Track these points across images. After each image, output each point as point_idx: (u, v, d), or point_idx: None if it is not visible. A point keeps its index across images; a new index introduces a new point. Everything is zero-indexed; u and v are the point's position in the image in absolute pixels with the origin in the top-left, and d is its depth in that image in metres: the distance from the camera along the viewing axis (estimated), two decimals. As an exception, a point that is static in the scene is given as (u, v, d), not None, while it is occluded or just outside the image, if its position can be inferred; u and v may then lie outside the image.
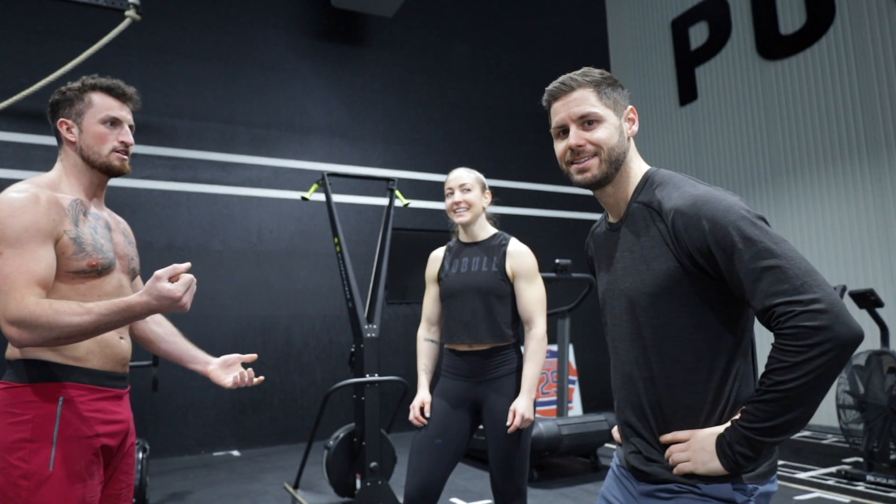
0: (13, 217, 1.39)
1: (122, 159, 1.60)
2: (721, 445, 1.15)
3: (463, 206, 2.42)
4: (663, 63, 8.14)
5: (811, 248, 6.25)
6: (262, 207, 6.66)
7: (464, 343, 2.36)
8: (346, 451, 3.87)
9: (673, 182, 1.25)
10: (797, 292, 1.06)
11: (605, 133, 1.28)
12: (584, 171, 1.30)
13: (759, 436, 1.11)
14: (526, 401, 2.25)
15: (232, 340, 6.30)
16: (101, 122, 1.57)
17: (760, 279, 1.09)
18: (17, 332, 1.33)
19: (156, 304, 1.38)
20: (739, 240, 1.11)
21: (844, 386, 4.09)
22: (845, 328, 1.04)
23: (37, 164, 5.69)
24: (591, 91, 1.29)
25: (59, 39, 5.80)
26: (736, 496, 1.17)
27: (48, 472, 1.38)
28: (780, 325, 1.08)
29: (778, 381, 1.07)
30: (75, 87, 1.59)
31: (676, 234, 1.18)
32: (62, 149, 1.59)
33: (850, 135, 5.95)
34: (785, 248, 1.10)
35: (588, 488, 4.26)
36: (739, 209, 1.15)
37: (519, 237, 2.57)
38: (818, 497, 3.85)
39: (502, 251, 2.40)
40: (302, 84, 7.08)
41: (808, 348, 1.04)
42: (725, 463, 1.15)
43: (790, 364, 1.06)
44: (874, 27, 5.76)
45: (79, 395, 1.46)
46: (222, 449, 6.06)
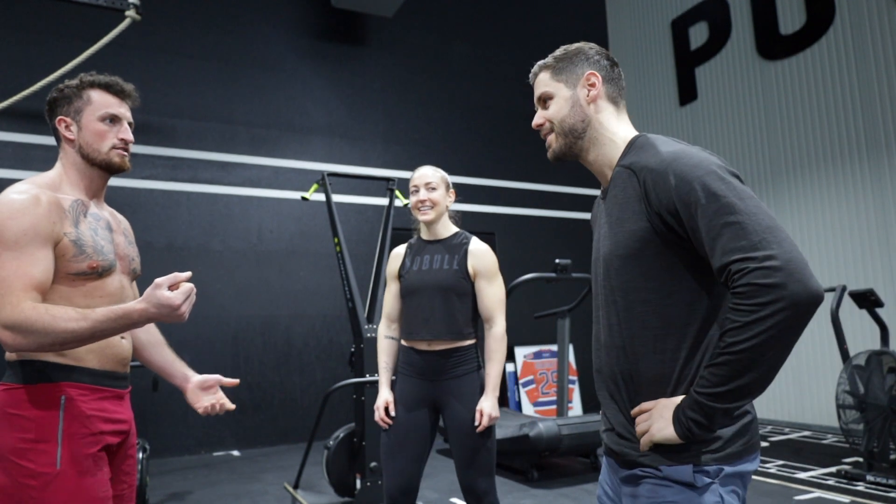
0: (12, 219, 1.37)
1: (123, 156, 1.59)
2: (676, 411, 1.11)
3: (427, 205, 2.43)
4: (663, 63, 8.14)
5: (811, 248, 6.26)
6: (262, 207, 6.66)
7: (423, 340, 2.38)
8: (346, 451, 3.88)
9: (652, 142, 1.22)
10: (753, 248, 1.01)
11: (553, 108, 1.34)
12: (548, 148, 1.37)
13: (711, 401, 1.06)
14: (491, 400, 2.30)
15: (232, 340, 6.30)
16: (99, 119, 1.55)
17: (720, 235, 1.05)
18: (12, 337, 1.32)
19: (154, 312, 1.38)
20: (703, 195, 1.07)
21: (844, 386, 4.09)
22: (800, 286, 0.98)
23: (37, 164, 5.69)
24: (547, 72, 1.36)
25: (59, 39, 5.80)
26: (696, 479, 1.12)
27: (55, 470, 1.38)
28: (734, 283, 1.03)
29: (729, 342, 1.03)
30: (73, 84, 1.57)
31: (647, 193, 1.15)
32: (61, 147, 1.58)
33: (850, 135, 5.95)
34: (750, 203, 1.06)
35: (588, 488, 4.26)
36: (709, 164, 1.11)
37: (519, 237, 2.58)
38: (818, 497, 3.85)
39: (464, 250, 2.42)
40: (302, 84, 7.08)
41: (760, 307, 0.99)
42: (679, 430, 1.10)
43: (741, 324, 1.01)
44: (874, 27, 5.75)
45: (80, 395, 1.45)
46: (222, 449, 6.06)
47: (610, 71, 1.33)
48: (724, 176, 1.09)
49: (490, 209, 7.76)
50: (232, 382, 1.82)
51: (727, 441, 1.13)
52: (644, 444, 1.16)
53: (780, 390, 6.42)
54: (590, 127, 1.30)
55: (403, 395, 2.41)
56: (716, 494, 1.12)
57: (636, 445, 1.19)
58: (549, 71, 1.36)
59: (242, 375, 6.31)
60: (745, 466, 1.15)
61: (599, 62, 1.33)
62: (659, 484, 1.15)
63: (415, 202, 2.45)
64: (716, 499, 1.12)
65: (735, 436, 1.14)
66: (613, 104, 1.33)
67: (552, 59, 1.36)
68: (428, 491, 4.22)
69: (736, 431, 1.14)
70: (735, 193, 1.06)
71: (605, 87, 1.32)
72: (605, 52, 1.36)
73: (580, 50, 1.34)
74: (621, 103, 1.35)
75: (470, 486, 2.33)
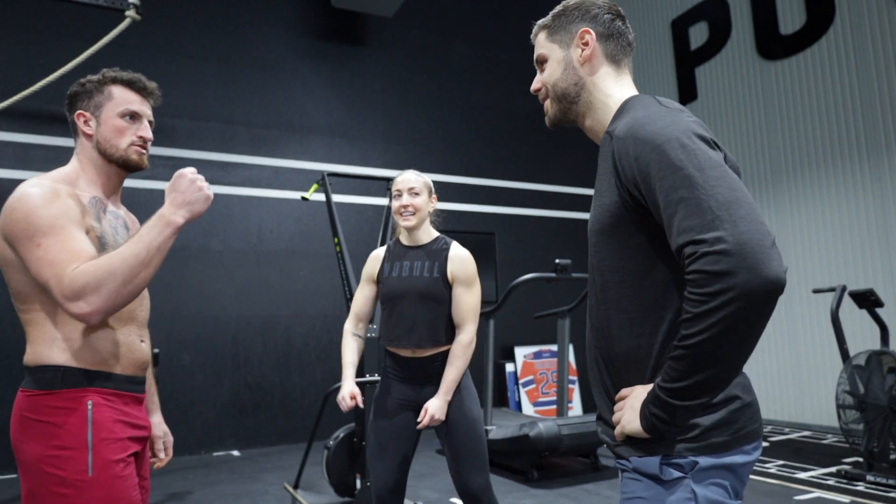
0: (42, 207, 1.33)
1: (141, 153, 1.55)
2: (643, 405, 1.02)
3: (410, 210, 2.40)
4: (663, 63, 8.14)
5: (811, 248, 6.26)
6: (262, 207, 6.66)
7: (406, 349, 2.38)
8: (346, 451, 3.87)
9: (637, 105, 1.11)
10: (704, 229, 0.90)
11: (547, 71, 1.25)
12: (545, 114, 1.28)
13: (671, 398, 0.96)
14: (441, 402, 2.29)
15: (232, 340, 6.30)
16: (120, 115, 1.52)
17: (675, 213, 0.94)
18: (87, 305, 1.27)
19: (180, 198, 1.38)
20: (660, 166, 0.96)
21: (844, 386, 4.09)
22: (751, 274, 0.86)
23: (37, 164, 5.69)
24: (544, 32, 1.27)
25: (59, 39, 5.80)
26: (663, 471, 1.02)
27: (88, 477, 1.34)
28: (686, 269, 0.92)
29: (683, 335, 0.93)
30: (95, 79, 1.54)
31: (615, 164, 1.05)
32: (78, 142, 1.54)
33: (850, 135, 5.95)
34: (709, 175, 0.93)
35: (588, 488, 4.26)
36: (671, 130, 0.99)
37: (519, 237, 2.58)
38: (818, 497, 3.85)
39: (444, 255, 2.40)
40: (302, 84, 7.08)
41: (709, 297, 0.88)
42: (644, 424, 1.01)
43: (692, 315, 0.91)
44: (874, 27, 5.75)
45: (105, 400, 1.41)
46: (222, 449, 6.06)
47: (610, 25, 1.21)
48: (686, 143, 0.97)
49: (490, 209, 7.75)
50: (159, 464, 1.76)
51: (707, 430, 1.02)
52: (617, 435, 1.09)
53: (780, 390, 6.42)
54: (584, 90, 1.20)
55: (388, 398, 2.42)
56: (687, 490, 1.01)
57: (613, 433, 1.11)
58: (545, 31, 1.27)
59: (242, 375, 6.32)
60: (734, 458, 1.03)
61: (598, 17, 1.21)
62: (631, 477, 1.08)
63: (397, 207, 2.43)
64: (686, 495, 1.01)
65: (719, 424, 1.02)
66: (613, 63, 1.21)
67: (550, 16, 1.26)
68: (428, 491, 4.22)
69: (720, 419, 1.02)
70: (695, 163, 0.94)
71: (603, 45, 1.20)
72: (608, 5, 1.23)
73: (579, 4, 1.23)
74: (624, 62, 1.23)
75: (465, 486, 2.33)
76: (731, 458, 1.03)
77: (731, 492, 1.04)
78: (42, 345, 1.39)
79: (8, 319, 5.37)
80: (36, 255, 1.30)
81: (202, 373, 6.11)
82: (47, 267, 1.29)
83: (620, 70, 1.22)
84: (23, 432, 1.36)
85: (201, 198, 1.42)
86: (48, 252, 1.30)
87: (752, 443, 1.07)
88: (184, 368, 6.02)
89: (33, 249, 1.31)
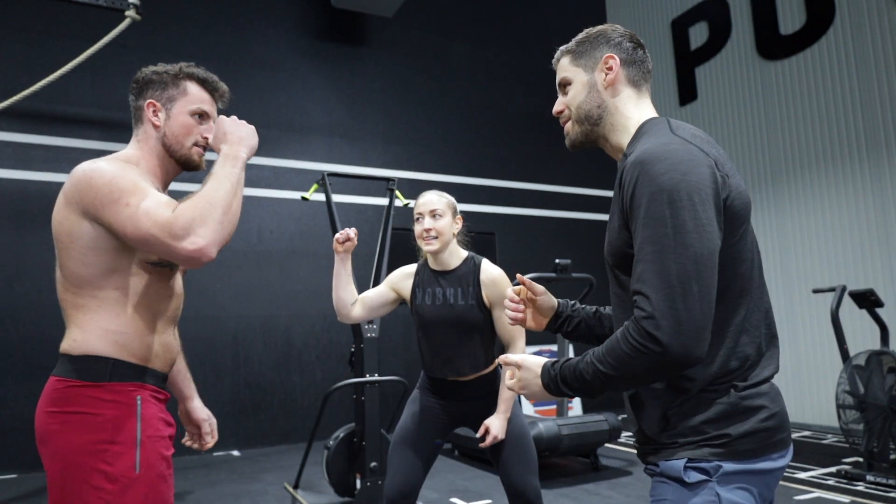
0: (121, 175, 1.32)
1: (201, 155, 1.55)
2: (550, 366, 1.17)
3: (432, 234, 2.26)
4: (663, 63, 8.14)
5: (811, 248, 6.26)
6: (262, 207, 6.66)
7: (445, 378, 2.35)
8: (346, 451, 3.88)
9: (651, 131, 1.17)
10: (659, 292, 1.01)
11: (571, 93, 1.29)
12: (566, 136, 1.31)
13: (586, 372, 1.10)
14: (501, 421, 2.24)
15: (232, 340, 6.30)
16: (191, 113, 1.51)
17: (641, 260, 1.04)
18: (201, 238, 1.25)
19: (230, 136, 1.40)
20: (646, 211, 1.04)
21: (844, 386, 4.09)
22: (680, 349, 1.00)
23: (37, 164, 5.70)
24: (568, 56, 1.31)
25: (59, 39, 5.80)
26: (687, 474, 1.07)
27: (135, 474, 1.31)
28: (634, 312, 1.05)
29: (615, 347, 1.07)
30: (172, 70, 1.53)
31: (622, 188, 1.12)
32: (140, 130, 1.51)
33: (850, 135, 5.95)
34: (683, 240, 1.01)
35: (588, 488, 4.26)
36: (670, 179, 1.03)
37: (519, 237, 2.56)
38: (818, 497, 3.85)
39: (475, 279, 2.30)
40: (302, 84, 7.08)
41: (641, 347, 1.02)
42: (545, 379, 1.16)
43: (627, 348, 1.05)
44: (874, 27, 5.75)
45: (150, 396, 1.40)
46: (222, 449, 6.06)
47: (632, 53, 1.26)
48: (676, 199, 1.02)
49: (490, 209, 7.75)
50: (207, 445, 1.77)
51: (734, 439, 1.07)
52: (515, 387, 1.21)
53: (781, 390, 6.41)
54: (606, 112, 1.25)
55: (422, 407, 2.39)
56: (711, 493, 1.06)
57: (646, 443, 1.17)
58: (569, 56, 1.30)
59: (242, 375, 6.32)
60: (761, 465, 1.08)
61: (621, 44, 1.26)
62: (660, 481, 1.13)
63: (419, 231, 2.29)
64: (710, 498, 1.05)
65: (747, 434, 1.08)
66: (634, 87, 1.26)
67: (574, 42, 1.31)
68: (428, 491, 4.22)
69: (748, 430, 1.08)
70: (676, 223, 1.01)
71: (625, 70, 1.25)
72: (629, 34, 1.29)
73: (602, 32, 1.29)
74: (644, 87, 1.28)
75: (523, 492, 2.27)
76: (757, 465, 1.08)
77: (757, 498, 1.09)
78: (91, 333, 1.34)
79: (10, 319, 5.37)
80: (127, 212, 1.27)
81: (202, 373, 6.11)
82: (144, 217, 1.26)
83: (641, 94, 1.27)
84: (62, 423, 1.31)
85: (250, 131, 1.43)
86: (140, 206, 1.27)
87: (780, 451, 1.12)
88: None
89: (122, 209, 1.28)
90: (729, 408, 1.09)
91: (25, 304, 5.43)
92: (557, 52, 1.34)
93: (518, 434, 2.30)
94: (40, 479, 4.98)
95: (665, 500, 1.10)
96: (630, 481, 4.39)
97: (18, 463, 5.23)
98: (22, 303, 5.44)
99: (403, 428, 2.38)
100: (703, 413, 1.09)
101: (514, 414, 2.32)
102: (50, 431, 1.31)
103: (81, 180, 1.32)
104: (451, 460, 5.24)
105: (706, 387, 1.10)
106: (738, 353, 1.11)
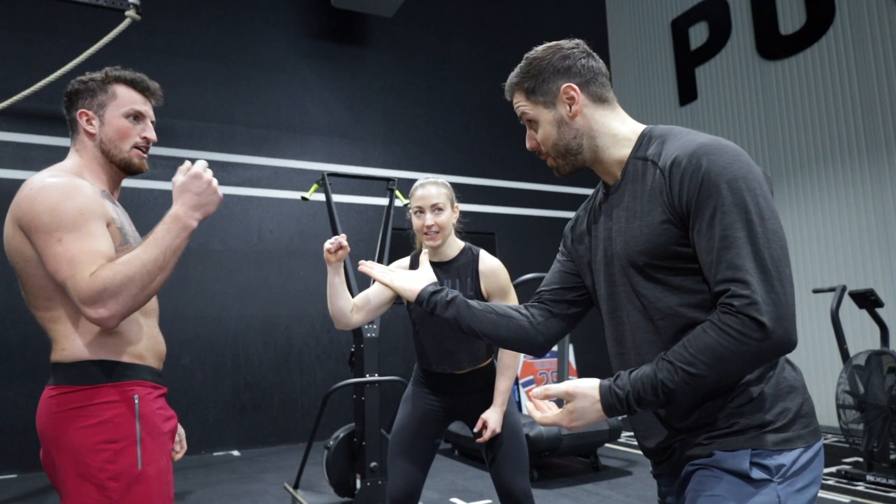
0: (67, 199, 1.30)
1: (142, 157, 1.54)
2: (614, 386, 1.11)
3: (434, 230, 2.21)
4: (663, 63, 8.14)
5: (811, 248, 6.26)
6: (262, 207, 6.66)
7: (442, 372, 2.33)
8: (346, 451, 3.87)
9: (675, 133, 1.15)
10: (757, 277, 1.00)
11: (541, 134, 1.24)
12: (554, 171, 1.29)
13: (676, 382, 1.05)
14: (498, 414, 2.24)
15: (232, 340, 6.30)
16: (124, 115, 1.50)
17: (729, 247, 1.01)
18: (106, 310, 1.25)
19: (193, 199, 1.36)
20: (724, 200, 1.02)
21: (844, 386, 4.09)
22: (784, 335, 1.00)
23: (37, 164, 5.68)
24: (521, 93, 1.25)
25: (59, 39, 5.80)
26: (753, 471, 1.04)
27: (137, 470, 1.33)
28: (724, 302, 1.02)
29: (699, 351, 1.05)
30: (98, 77, 1.51)
31: (671, 185, 1.08)
32: (77, 139, 1.51)
33: (850, 135, 5.95)
34: (769, 226, 1.02)
35: (588, 488, 4.26)
36: (740, 168, 1.04)
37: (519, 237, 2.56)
38: (818, 497, 3.84)
39: (473, 269, 2.28)
40: (302, 84, 7.08)
41: (744, 336, 1.00)
42: (604, 402, 1.11)
43: (725, 340, 1.03)
44: (874, 27, 5.75)
45: (147, 394, 1.41)
46: (222, 449, 6.06)
47: (586, 72, 1.20)
48: (753, 186, 1.03)
49: (490, 209, 7.75)
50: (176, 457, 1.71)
51: (794, 417, 1.09)
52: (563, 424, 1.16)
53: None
54: (584, 138, 1.21)
55: (415, 402, 2.38)
56: (772, 494, 1.04)
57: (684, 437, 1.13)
58: (522, 93, 1.24)
59: (242, 375, 6.32)
60: (814, 449, 1.10)
61: (572, 67, 1.20)
62: (710, 475, 1.07)
63: (419, 226, 2.22)
64: (772, 499, 1.03)
65: (800, 414, 1.10)
66: (602, 102, 1.22)
67: (521, 76, 1.24)
68: (428, 491, 4.22)
69: (799, 410, 1.10)
70: (757, 209, 1.02)
71: (587, 92, 1.20)
72: (575, 49, 1.22)
73: (549, 62, 1.21)
74: (609, 96, 1.23)
75: (510, 490, 2.27)
76: (810, 452, 1.08)
77: (817, 486, 1.10)
78: (74, 340, 1.36)
79: (10, 319, 5.37)
80: (55, 250, 1.28)
81: (202, 373, 6.11)
82: (66, 265, 1.27)
83: (611, 105, 1.23)
84: (64, 428, 1.33)
85: (215, 200, 1.41)
86: (68, 249, 1.27)
87: (820, 440, 1.13)
88: (184, 368, 6.02)
89: (53, 244, 1.28)
90: (779, 383, 1.12)
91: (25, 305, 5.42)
92: (507, 86, 1.27)
93: (511, 431, 2.30)
94: (40, 479, 4.98)
95: (722, 496, 1.05)
96: (630, 481, 4.39)
97: (18, 463, 5.24)
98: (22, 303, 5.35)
99: (401, 428, 2.38)
100: (756, 388, 1.10)
101: (509, 411, 2.32)
102: (54, 436, 1.34)
103: (27, 198, 1.32)
104: (451, 460, 5.24)
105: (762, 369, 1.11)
106: None
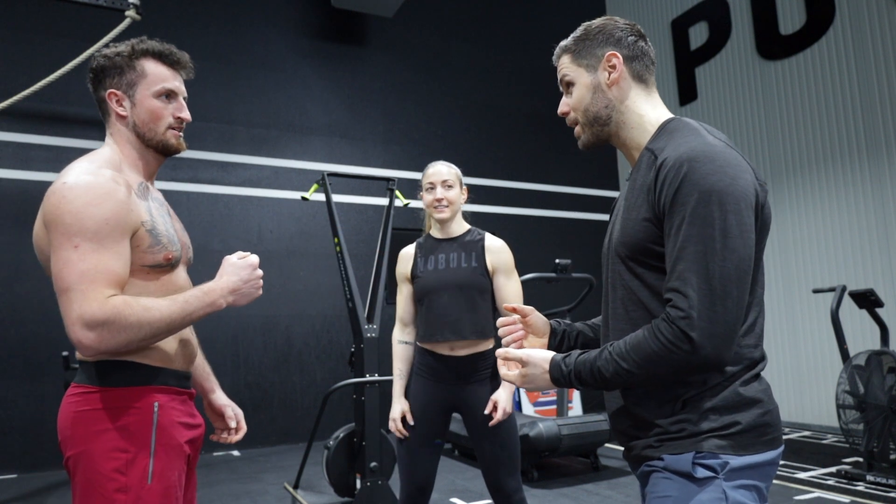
0: (94, 206, 1.21)
1: (178, 137, 1.45)
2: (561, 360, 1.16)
3: (444, 203, 2.38)
4: (663, 63, 8.14)
5: (811, 248, 6.26)
6: (262, 207, 6.66)
7: (445, 342, 2.31)
8: (346, 451, 3.87)
9: (683, 131, 1.14)
10: (698, 292, 1.01)
11: (575, 96, 1.26)
12: (577, 138, 1.31)
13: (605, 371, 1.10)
14: (506, 393, 2.25)
15: (232, 340, 6.30)
16: (155, 95, 1.39)
17: (683, 258, 1.03)
18: (97, 336, 1.17)
19: (236, 283, 1.34)
20: (693, 210, 1.02)
21: (844, 386, 4.09)
22: (712, 352, 1.01)
23: (37, 164, 5.69)
24: (568, 55, 1.27)
25: (59, 39, 5.80)
26: (696, 469, 1.06)
27: (146, 485, 1.26)
28: (667, 310, 1.05)
29: (643, 343, 1.07)
30: (125, 51, 1.39)
31: (657, 183, 1.09)
32: (110, 122, 1.41)
33: (850, 135, 5.95)
34: (729, 244, 1.01)
35: (588, 488, 4.26)
36: (720, 181, 1.03)
37: (519, 237, 2.58)
38: (818, 497, 3.85)
39: (480, 246, 2.38)
40: (302, 84, 7.08)
41: (671, 345, 1.02)
42: (554, 372, 1.16)
43: (657, 344, 1.05)
44: (874, 27, 5.75)
45: (169, 400, 1.34)
46: (222, 449, 6.06)
47: (634, 47, 1.23)
48: (726, 201, 1.02)
49: (490, 209, 7.75)
50: (234, 439, 1.71)
51: (743, 429, 1.08)
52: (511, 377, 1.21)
53: (780, 390, 6.42)
54: (615, 111, 1.23)
55: (420, 396, 2.38)
56: (718, 490, 1.05)
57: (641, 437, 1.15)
58: (569, 54, 1.27)
59: (242, 375, 6.32)
60: (762, 457, 1.09)
61: (622, 40, 1.23)
62: (663, 477, 1.10)
63: (430, 200, 2.38)
64: (717, 495, 1.05)
65: (750, 427, 1.08)
66: (640, 82, 1.24)
67: (572, 40, 1.27)
68: (428, 491, 4.22)
69: (750, 423, 1.08)
70: (722, 226, 1.02)
71: (629, 66, 1.23)
72: (630, 27, 1.25)
73: (602, 28, 1.24)
74: (650, 80, 1.25)
75: (500, 486, 2.29)
76: (758, 458, 1.09)
77: (763, 493, 1.11)
78: None
79: (10, 319, 5.37)
80: (69, 254, 1.19)
81: (202, 373, 6.11)
82: (76, 275, 1.18)
83: (649, 88, 1.25)
84: (82, 429, 1.27)
85: (253, 295, 1.38)
86: (83, 259, 1.19)
87: (777, 449, 1.13)
88: (184, 368, 6.02)
89: (69, 248, 1.20)
90: (735, 396, 1.09)
91: (25, 304, 5.43)
92: (557, 49, 1.30)
93: (506, 428, 2.30)
94: (40, 479, 4.98)
95: (669, 496, 1.08)
96: (630, 481, 4.39)
97: (18, 463, 5.24)
98: (22, 303, 5.44)
99: (406, 427, 2.38)
100: (710, 401, 1.09)
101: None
102: (71, 437, 1.28)
103: (57, 194, 1.24)
104: (451, 460, 5.24)
105: (720, 381, 1.10)
106: (745, 355, 1.12)
